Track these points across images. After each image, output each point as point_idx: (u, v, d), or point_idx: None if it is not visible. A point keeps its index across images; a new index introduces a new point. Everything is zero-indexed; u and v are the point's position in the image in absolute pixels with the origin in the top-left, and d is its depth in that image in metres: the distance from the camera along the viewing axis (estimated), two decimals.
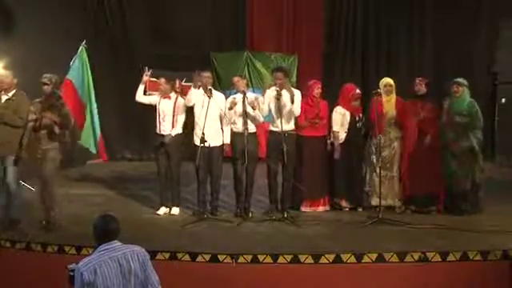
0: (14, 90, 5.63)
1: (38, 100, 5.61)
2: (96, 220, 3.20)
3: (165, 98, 6.20)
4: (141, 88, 6.33)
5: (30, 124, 5.48)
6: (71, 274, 3.02)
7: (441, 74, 9.72)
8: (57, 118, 5.43)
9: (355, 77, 10.23)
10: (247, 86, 6.63)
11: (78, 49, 5.73)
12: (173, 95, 6.23)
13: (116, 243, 3.10)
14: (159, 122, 6.18)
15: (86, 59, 5.78)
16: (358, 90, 6.27)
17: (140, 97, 6.32)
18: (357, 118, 6.25)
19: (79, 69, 5.76)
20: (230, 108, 5.93)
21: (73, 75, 5.69)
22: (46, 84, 5.56)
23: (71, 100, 5.71)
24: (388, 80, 6.30)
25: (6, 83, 5.58)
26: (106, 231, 3.12)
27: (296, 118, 6.10)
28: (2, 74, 5.68)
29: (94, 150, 5.84)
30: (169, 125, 6.15)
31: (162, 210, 6.24)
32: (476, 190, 5.98)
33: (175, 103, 6.16)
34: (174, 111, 6.14)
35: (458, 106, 5.98)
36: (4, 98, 5.59)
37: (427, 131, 6.03)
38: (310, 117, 6.16)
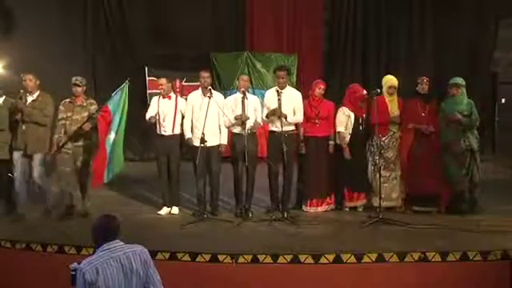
0: (38, 91, 6.02)
1: (67, 100, 6.04)
2: (96, 220, 3.20)
3: (165, 98, 6.20)
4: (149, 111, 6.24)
5: (61, 122, 5.96)
6: (73, 273, 3.02)
7: (441, 74, 9.72)
8: (89, 123, 5.86)
9: (355, 77, 10.24)
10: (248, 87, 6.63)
11: (122, 84, 6.04)
12: (173, 95, 6.24)
13: (117, 243, 3.11)
14: (159, 122, 6.19)
15: (126, 97, 6.00)
16: (364, 92, 6.19)
17: (149, 114, 6.20)
18: (360, 120, 6.23)
19: (118, 101, 5.98)
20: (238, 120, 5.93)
21: (111, 105, 5.94)
22: (78, 86, 5.99)
23: (104, 124, 5.96)
24: (393, 82, 6.26)
25: (30, 86, 5.96)
26: (107, 231, 3.12)
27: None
28: (28, 77, 5.98)
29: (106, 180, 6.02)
30: (170, 125, 6.14)
31: (164, 210, 6.24)
32: (474, 189, 5.99)
33: (176, 103, 6.17)
34: (174, 111, 6.14)
35: (458, 107, 5.98)
36: (30, 99, 5.97)
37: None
38: (311, 116, 6.16)
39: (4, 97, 6.00)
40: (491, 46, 10.38)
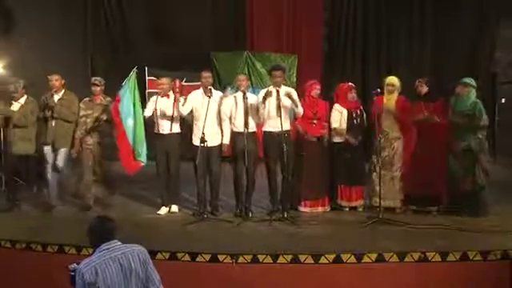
0: (63, 90, 6.45)
1: (87, 99, 6.50)
2: (91, 222, 3.19)
3: (163, 96, 6.20)
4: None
5: (82, 120, 6.42)
6: (72, 274, 3.02)
7: (441, 74, 9.71)
8: (104, 114, 6.31)
9: (355, 77, 10.23)
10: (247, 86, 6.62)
11: (130, 73, 6.25)
12: (171, 94, 6.24)
13: (116, 243, 3.11)
14: (157, 121, 6.19)
15: (135, 82, 6.20)
16: (350, 83, 6.36)
17: (147, 112, 6.24)
18: (354, 115, 6.25)
19: (126, 90, 6.16)
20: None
21: (121, 93, 6.15)
22: (97, 85, 6.44)
23: (115, 113, 6.22)
24: (391, 80, 6.28)
25: (56, 86, 6.39)
26: (103, 231, 3.13)
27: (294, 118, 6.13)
28: (54, 78, 6.40)
29: (145, 161, 6.23)
30: (167, 124, 6.15)
31: (163, 210, 6.25)
32: (478, 191, 5.92)
33: (174, 102, 6.17)
34: (172, 110, 6.14)
35: (460, 106, 5.96)
36: (56, 97, 6.39)
37: (429, 131, 6.03)
38: (308, 116, 6.16)
39: (25, 96, 6.40)
40: (491, 46, 10.37)
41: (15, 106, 6.35)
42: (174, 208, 6.27)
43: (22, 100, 6.39)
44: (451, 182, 6.01)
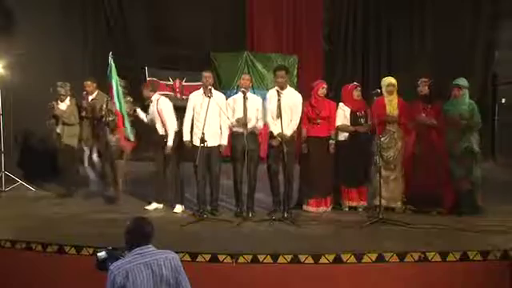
0: (97, 91, 7.22)
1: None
2: (130, 223, 3.12)
3: (148, 103, 6.39)
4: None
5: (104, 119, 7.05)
6: (99, 260, 3.02)
7: (440, 74, 9.70)
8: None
9: (355, 77, 10.23)
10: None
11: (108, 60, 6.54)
12: (154, 97, 6.34)
13: (150, 248, 3.05)
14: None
15: (112, 68, 6.49)
16: (355, 83, 6.40)
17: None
18: (358, 114, 6.25)
19: (110, 76, 6.49)
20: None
21: (112, 83, 6.50)
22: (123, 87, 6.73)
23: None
24: (390, 80, 6.29)
25: (89, 90, 7.19)
26: (140, 234, 3.07)
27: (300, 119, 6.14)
28: (87, 84, 7.17)
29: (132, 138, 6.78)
30: (159, 126, 6.29)
31: (153, 206, 6.38)
32: (474, 190, 5.95)
33: (156, 106, 6.27)
34: (158, 112, 6.24)
35: (459, 107, 5.96)
36: (90, 98, 7.20)
37: (430, 132, 6.04)
38: (312, 117, 6.17)
39: (68, 97, 7.17)
40: (491, 46, 10.38)
41: (62, 106, 7.16)
42: (178, 208, 6.29)
43: (67, 101, 7.19)
44: (451, 183, 6.00)
